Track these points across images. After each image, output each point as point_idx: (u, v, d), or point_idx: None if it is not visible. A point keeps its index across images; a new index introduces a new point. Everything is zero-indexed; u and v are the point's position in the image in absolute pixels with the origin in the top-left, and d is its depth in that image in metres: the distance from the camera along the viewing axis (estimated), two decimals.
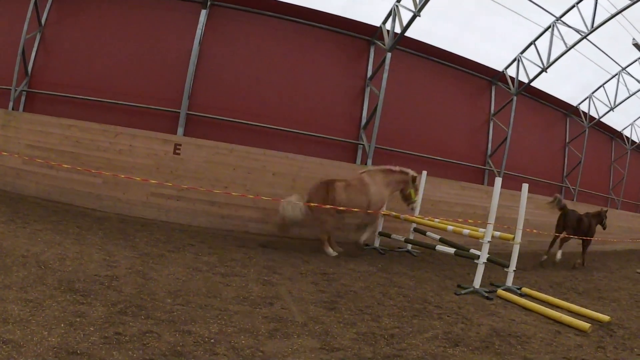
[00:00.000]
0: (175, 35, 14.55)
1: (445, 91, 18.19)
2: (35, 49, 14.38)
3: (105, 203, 13.23)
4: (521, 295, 9.77)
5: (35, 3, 13.74)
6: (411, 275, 10.77)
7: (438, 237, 12.78)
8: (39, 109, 14.14)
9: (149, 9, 14.65)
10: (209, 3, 14.01)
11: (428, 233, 13.40)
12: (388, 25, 15.02)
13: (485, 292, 9.50)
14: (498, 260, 10.32)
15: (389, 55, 14.86)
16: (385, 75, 14.95)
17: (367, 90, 16.32)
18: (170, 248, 9.92)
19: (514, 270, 10.38)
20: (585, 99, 22.38)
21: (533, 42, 17.47)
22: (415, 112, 17.47)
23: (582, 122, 22.97)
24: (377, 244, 13.83)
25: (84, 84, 14.21)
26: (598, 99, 22.40)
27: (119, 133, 13.33)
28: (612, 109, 22.58)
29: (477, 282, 9.71)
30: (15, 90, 14.08)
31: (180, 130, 14.01)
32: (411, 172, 13.32)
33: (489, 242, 9.86)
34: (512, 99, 18.67)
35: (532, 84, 18.44)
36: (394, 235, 13.51)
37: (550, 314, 8.47)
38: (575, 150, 22.95)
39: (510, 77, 18.61)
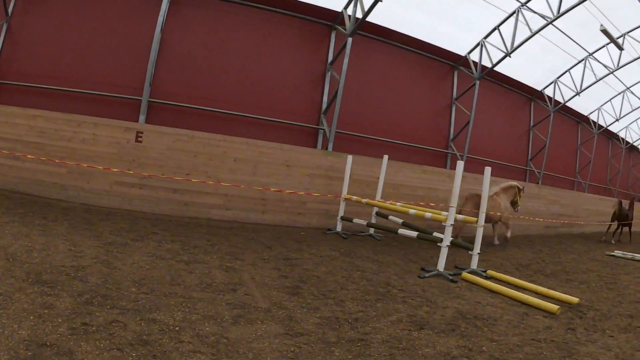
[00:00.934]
0: (137, 22, 14.63)
1: (408, 76, 18.50)
2: (1, 39, 14.30)
3: (70, 193, 13.24)
4: (487, 277, 9.88)
5: None
6: (374, 259, 10.85)
7: (400, 221, 12.93)
8: (5, 99, 14.09)
9: None
10: None
11: (390, 217, 13.54)
12: (350, 11, 15.11)
13: (450, 275, 9.58)
14: (462, 243, 10.58)
15: (349, 40, 15.05)
16: (345, 60, 15.17)
17: (328, 75, 16.58)
18: (134, 237, 9.97)
19: (478, 253, 10.56)
20: (550, 84, 23.03)
21: (497, 27, 17.87)
22: (377, 96, 17.73)
23: (547, 106, 23.49)
24: (339, 228, 13.98)
25: (50, 73, 14.25)
26: (564, 84, 23.09)
27: (82, 122, 13.27)
28: (578, 93, 23.19)
29: (441, 265, 9.79)
30: None
31: (142, 117, 14.10)
32: (518, 184, 15.96)
33: (451, 225, 9.98)
34: (474, 84, 19.06)
35: (497, 69, 18.97)
36: (356, 220, 13.69)
37: (517, 296, 8.56)
38: (540, 135, 23.53)
39: (473, 62, 19.06)
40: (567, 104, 23.98)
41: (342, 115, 15.74)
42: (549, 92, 23.20)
